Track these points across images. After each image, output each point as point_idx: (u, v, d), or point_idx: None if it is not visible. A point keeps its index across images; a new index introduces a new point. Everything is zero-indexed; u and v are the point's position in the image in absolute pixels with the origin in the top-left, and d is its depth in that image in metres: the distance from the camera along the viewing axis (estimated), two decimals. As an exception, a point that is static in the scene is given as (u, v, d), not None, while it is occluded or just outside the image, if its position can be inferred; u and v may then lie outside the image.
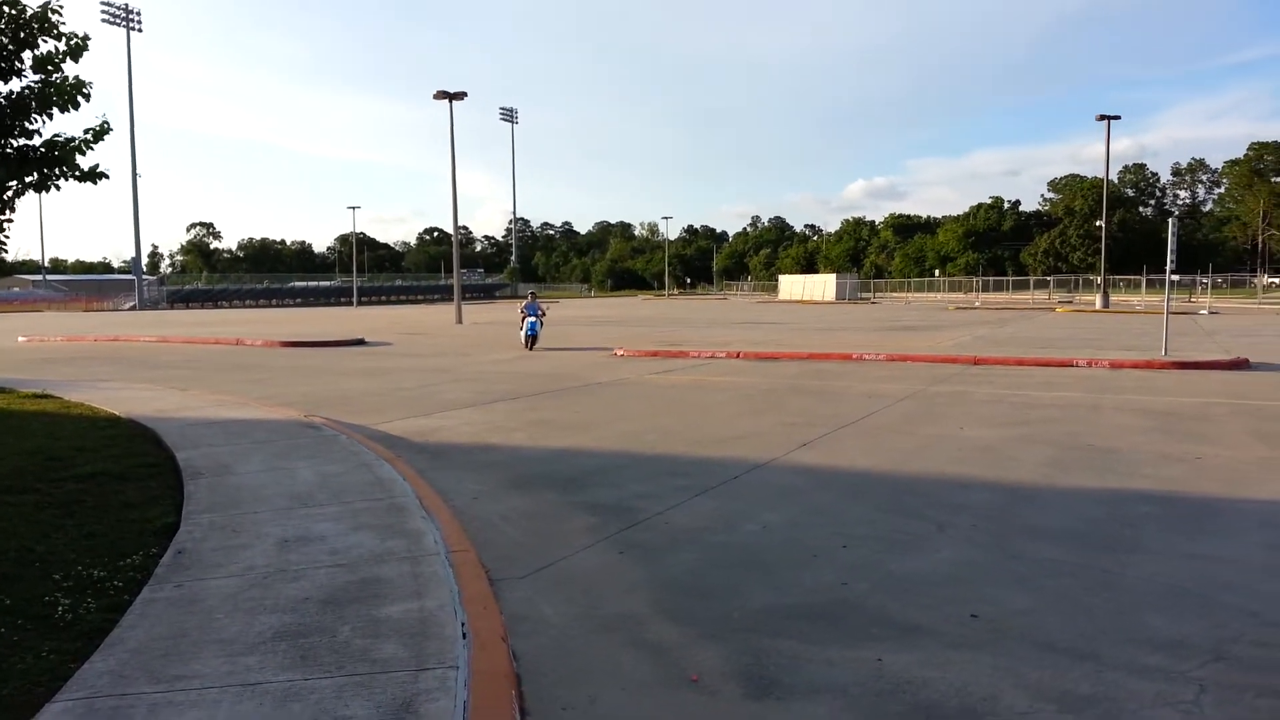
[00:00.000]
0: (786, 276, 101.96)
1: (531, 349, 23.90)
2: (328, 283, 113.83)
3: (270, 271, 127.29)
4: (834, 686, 4.11)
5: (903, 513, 7.21)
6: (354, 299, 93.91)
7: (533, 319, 24.41)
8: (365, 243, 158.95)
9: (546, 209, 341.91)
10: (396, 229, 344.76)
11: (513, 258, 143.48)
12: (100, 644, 4.36)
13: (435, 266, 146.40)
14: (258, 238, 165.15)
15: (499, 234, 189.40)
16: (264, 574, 5.40)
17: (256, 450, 9.29)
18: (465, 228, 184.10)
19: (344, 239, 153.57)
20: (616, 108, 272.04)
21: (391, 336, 31.99)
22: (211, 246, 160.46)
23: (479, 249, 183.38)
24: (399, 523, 6.48)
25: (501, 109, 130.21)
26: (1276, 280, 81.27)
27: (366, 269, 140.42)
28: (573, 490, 7.99)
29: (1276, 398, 13.78)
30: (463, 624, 4.52)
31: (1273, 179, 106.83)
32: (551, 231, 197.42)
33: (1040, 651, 4.48)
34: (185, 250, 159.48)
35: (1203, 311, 48.85)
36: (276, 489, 7.58)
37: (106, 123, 7.95)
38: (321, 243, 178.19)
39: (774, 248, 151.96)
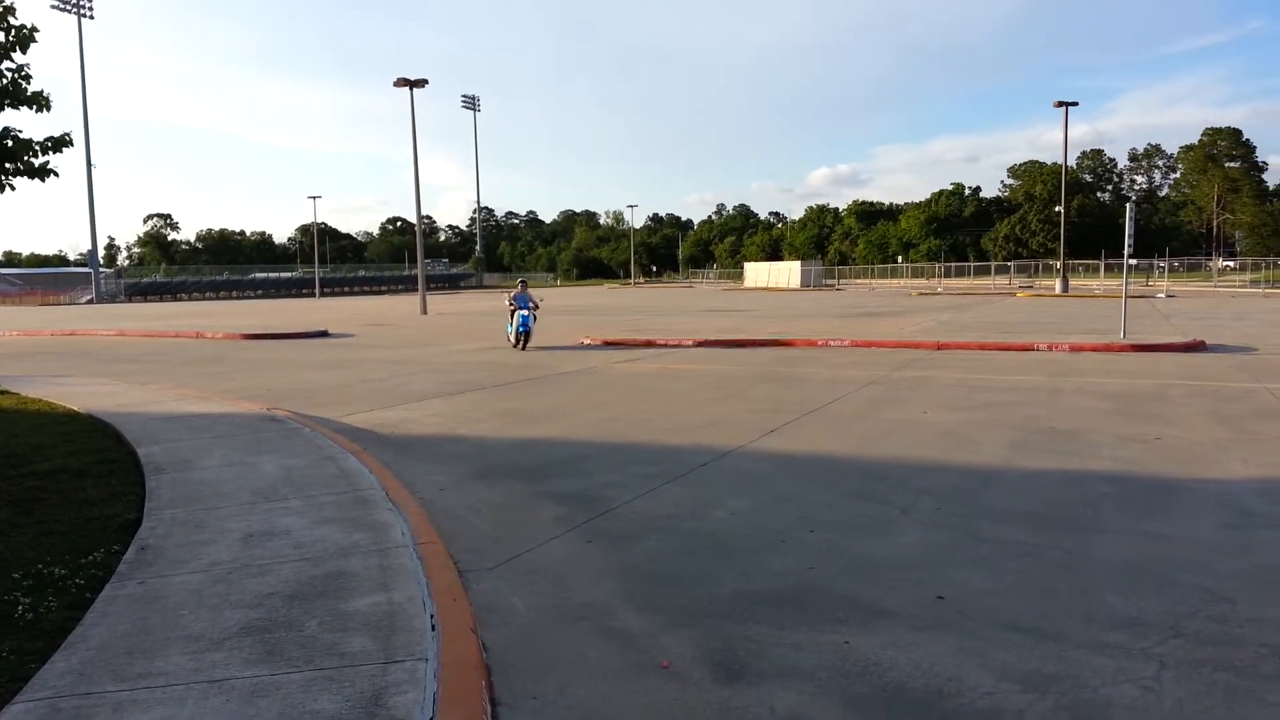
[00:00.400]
0: (752, 264, 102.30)
1: (523, 348, 20.75)
2: (289, 274, 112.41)
3: (230, 263, 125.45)
4: (802, 670, 4.15)
5: (868, 497, 7.28)
6: (316, 290, 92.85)
7: (524, 312, 21.04)
8: (327, 233, 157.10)
9: (511, 198, 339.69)
10: (359, 219, 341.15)
11: (477, 247, 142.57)
12: (62, 643, 4.29)
13: (399, 256, 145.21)
14: (217, 229, 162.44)
15: (463, 223, 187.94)
16: (229, 569, 5.35)
17: (219, 445, 9.18)
18: (429, 217, 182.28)
19: (305, 229, 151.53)
20: (581, 95, 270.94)
21: (355, 328, 31.70)
22: (170, 238, 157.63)
23: (443, 238, 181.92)
24: (365, 515, 6.43)
25: (464, 97, 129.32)
26: (1231, 263, 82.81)
27: (329, 259, 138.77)
28: (540, 480, 7.98)
29: (1232, 379, 14.07)
30: (431, 616, 4.51)
31: (1226, 164, 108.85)
32: (516, 220, 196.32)
33: (1004, 631, 4.55)
34: (143, 242, 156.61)
35: (1160, 295, 49.76)
36: (240, 484, 7.49)
37: (68, 135, 7.80)
38: (282, 233, 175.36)
39: (739, 235, 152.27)
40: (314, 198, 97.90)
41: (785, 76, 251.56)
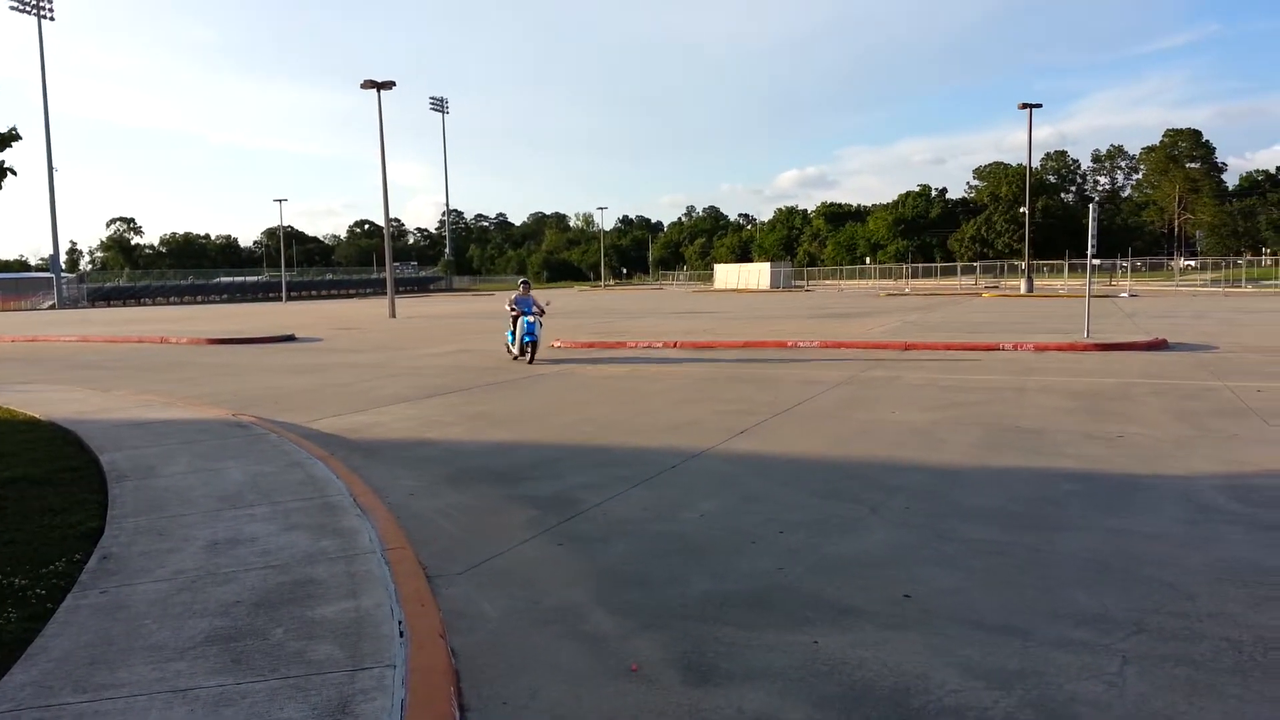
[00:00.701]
0: (722, 266, 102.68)
1: (530, 360, 18.03)
2: (255, 278, 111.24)
3: (195, 267, 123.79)
4: (771, 670, 4.16)
5: (838, 497, 7.32)
6: (283, 294, 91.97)
7: (529, 318, 18.13)
8: (294, 236, 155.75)
9: (480, 200, 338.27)
10: (326, 222, 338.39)
11: (447, 250, 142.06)
12: (22, 654, 4.22)
13: (367, 260, 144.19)
14: (181, 232, 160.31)
15: (432, 226, 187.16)
16: (193, 577, 5.28)
17: (183, 451, 9.06)
18: (397, 220, 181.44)
19: (271, 232, 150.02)
20: (551, 98, 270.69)
21: (323, 331, 31.43)
22: (133, 242, 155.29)
23: (412, 241, 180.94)
24: (333, 522, 6.38)
25: (432, 99, 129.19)
26: (1192, 263, 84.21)
27: (295, 263, 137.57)
28: (511, 484, 7.96)
29: (1193, 377, 14.31)
30: (400, 622, 4.48)
31: (1187, 165, 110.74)
32: (486, 223, 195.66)
33: (970, 629, 4.60)
34: (105, 246, 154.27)
35: (1123, 294, 50.50)
36: (205, 490, 7.40)
37: (15, 130, 7.66)
38: (248, 237, 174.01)
39: (709, 237, 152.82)
40: (280, 200, 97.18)
41: (754, 78, 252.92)
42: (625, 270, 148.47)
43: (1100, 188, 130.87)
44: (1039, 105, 56.75)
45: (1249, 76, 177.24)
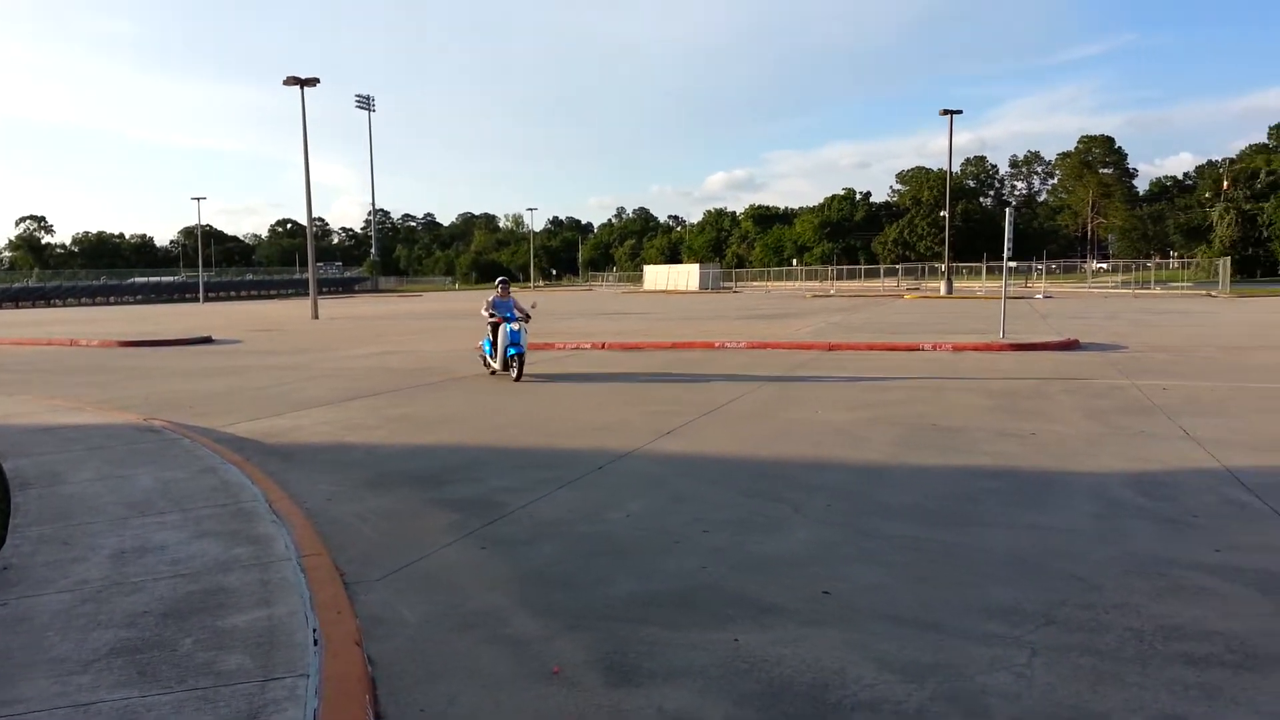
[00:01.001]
0: (651, 267, 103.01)
1: (518, 377, 14.97)
2: (172, 278, 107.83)
3: (109, 267, 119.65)
4: (693, 669, 4.18)
5: (762, 496, 7.39)
6: (200, 295, 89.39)
7: (513, 325, 15.10)
8: (212, 235, 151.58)
9: (408, 201, 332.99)
10: (247, 221, 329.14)
11: (372, 250, 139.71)
12: (-92, 674, 4.01)
13: (290, 260, 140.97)
14: (94, 231, 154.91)
15: (358, 226, 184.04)
16: (99, 588, 5.09)
17: (91, 457, 8.74)
18: (321, 219, 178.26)
19: (189, 231, 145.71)
20: (480, 97, 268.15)
21: (242, 333, 30.64)
22: (43, 241, 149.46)
23: (337, 241, 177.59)
24: (246, 528, 6.21)
25: (358, 97, 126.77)
26: (1104, 265, 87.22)
27: (215, 263, 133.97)
28: (434, 487, 7.85)
29: (1103, 376, 14.81)
30: (314, 630, 4.37)
31: (1100, 170, 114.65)
32: (413, 223, 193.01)
33: (887, 624, 4.68)
34: (14, 246, 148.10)
35: (1038, 296, 52.11)
36: (113, 498, 7.14)
37: None
38: (164, 236, 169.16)
39: (639, 238, 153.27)
40: (198, 199, 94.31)
41: (684, 81, 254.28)
42: (555, 271, 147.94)
43: (1017, 192, 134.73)
44: (959, 111, 58.33)
45: (1157, 86, 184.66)
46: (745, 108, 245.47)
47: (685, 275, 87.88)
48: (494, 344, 15.51)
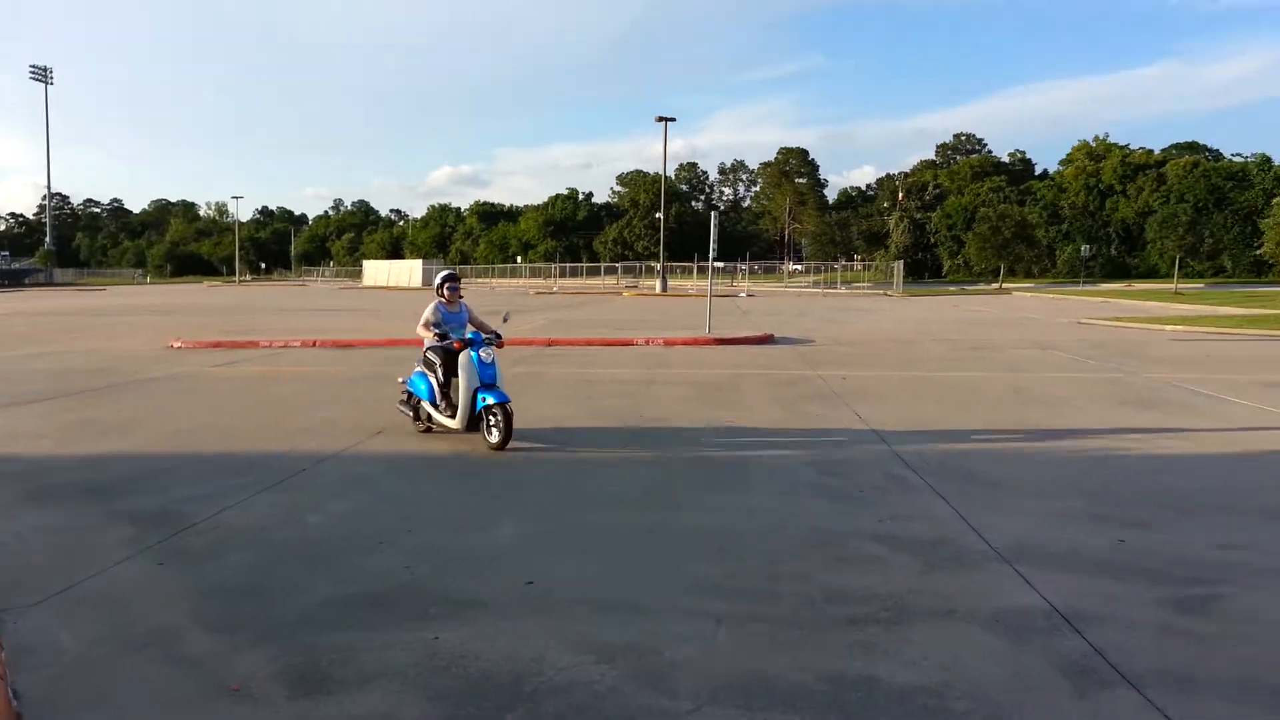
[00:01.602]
0: (371, 262, 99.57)
1: (501, 443, 8.73)
2: None
3: None
4: (389, 671, 4.08)
5: (471, 492, 7.36)
6: None
7: (481, 353, 9.16)
8: None
9: (93, 185, 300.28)
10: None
11: (47, 239, 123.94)
12: None
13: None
14: None
15: (30, 211, 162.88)
16: None
17: None
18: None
19: None
20: (179, 73, 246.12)
21: (-126, 332, 26.19)
22: None
23: (4, 228, 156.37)
24: None
25: (33, 67, 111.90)
26: (799, 267, 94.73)
27: None
28: (108, 499, 7.11)
29: (790, 367, 16.12)
30: (-55, 667, 3.83)
31: (796, 180, 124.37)
32: (97, 210, 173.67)
33: (587, 609, 4.82)
34: None
35: (742, 294, 55.89)
36: None
37: None
38: None
39: (358, 232, 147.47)
40: None
41: (408, 73, 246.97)
42: (265, 265, 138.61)
43: (725, 198, 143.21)
44: (673, 119, 61.24)
45: (843, 105, 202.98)
46: (473, 104, 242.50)
47: (408, 271, 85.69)
48: (437, 384, 9.55)
